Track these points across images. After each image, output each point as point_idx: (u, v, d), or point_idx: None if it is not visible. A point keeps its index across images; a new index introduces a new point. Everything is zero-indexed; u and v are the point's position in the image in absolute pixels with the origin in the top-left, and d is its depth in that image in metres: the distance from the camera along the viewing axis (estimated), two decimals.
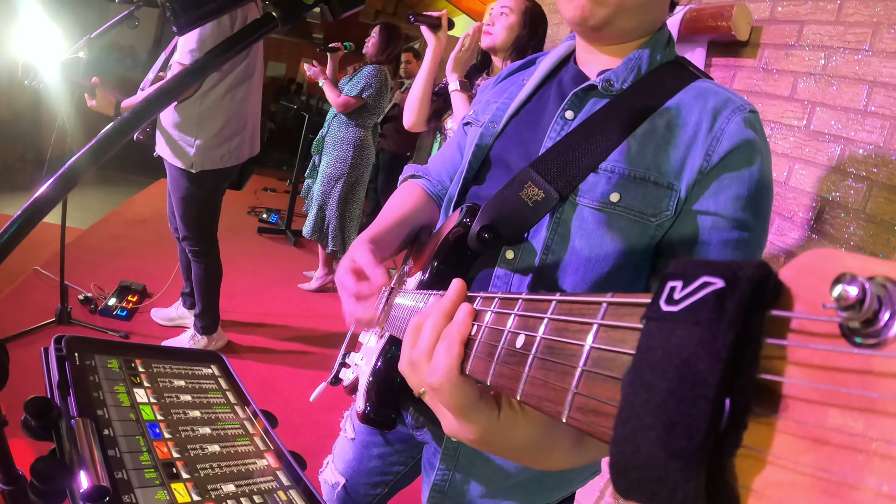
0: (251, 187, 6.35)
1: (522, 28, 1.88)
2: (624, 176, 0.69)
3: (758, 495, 0.19)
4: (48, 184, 0.43)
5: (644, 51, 0.75)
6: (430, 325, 0.44)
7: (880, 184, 1.27)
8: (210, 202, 2.44)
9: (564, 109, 0.75)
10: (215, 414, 0.72)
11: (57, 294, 2.48)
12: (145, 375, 0.73)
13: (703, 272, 0.21)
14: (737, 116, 0.69)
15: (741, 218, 0.68)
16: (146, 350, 0.79)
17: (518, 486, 0.83)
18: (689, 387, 0.20)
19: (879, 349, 0.17)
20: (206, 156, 2.28)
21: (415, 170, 1.06)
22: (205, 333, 2.59)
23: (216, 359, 0.85)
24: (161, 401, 0.69)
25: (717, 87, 0.73)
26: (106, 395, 0.64)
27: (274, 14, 0.48)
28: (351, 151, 3.47)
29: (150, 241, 3.77)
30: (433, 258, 0.77)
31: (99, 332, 2.51)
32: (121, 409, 0.64)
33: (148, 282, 3.02)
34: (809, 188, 1.45)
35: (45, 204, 0.43)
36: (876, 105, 1.31)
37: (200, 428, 0.68)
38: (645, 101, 0.71)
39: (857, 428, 0.17)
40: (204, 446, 0.65)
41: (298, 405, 2.42)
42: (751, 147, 0.68)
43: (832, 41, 1.45)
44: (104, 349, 0.73)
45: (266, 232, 4.73)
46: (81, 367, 0.67)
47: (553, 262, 0.72)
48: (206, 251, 2.48)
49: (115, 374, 0.69)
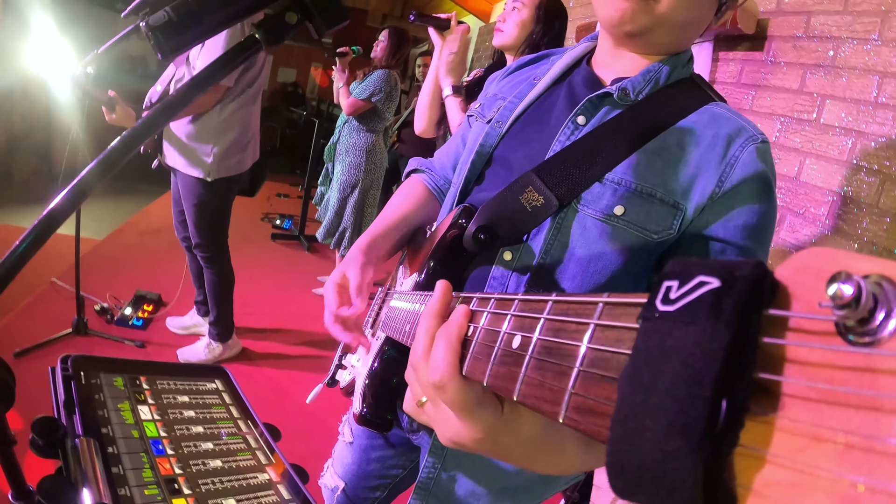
0: (264, 194, 6.38)
1: (535, 24, 1.77)
2: (630, 189, 0.69)
3: (756, 494, 0.19)
4: (60, 197, 0.44)
5: (664, 66, 0.74)
6: (424, 328, 0.44)
7: (893, 177, 1.25)
8: (222, 208, 2.49)
9: (577, 114, 0.75)
10: (218, 429, 0.73)
11: (73, 305, 2.50)
12: (150, 392, 0.74)
13: (699, 271, 0.21)
14: (750, 146, 0.69)
15: (748, 246, 0.68)
16: (152, 367, 0.80)
17: (507, 489, 0.83)
18: (686, 387, 0.20)
19: (875, 347, 0.17)
20: (222, 164, 2.34)
21: (419, 163, 1.06)
22: (220, 340, 2.60)
23: (220, 373, 0.86)
24: (165, 417, 0.70)
25: (730, 113, 0.73)
26: (111, 412, 0.66)
27: (257, 36, 0.48)
28: (364, 157, 3.48)
29: (164, 251, 3.80)
30: (429, 259, 0.77)
31: (115, 342, 2.54)
32: (125, 427, 0.65)
33: (163, 291, 3.06)
34: (821, 183, 1.43)
35: (57, 216, 0.44)
36: (887, 96, 1.29)
37: (203, 443, 0.69)
38: (658, 116, 0.71)
39: (855, 426, 0.17)
40: (206, 461, 0.66)
41: (313, 409, 2.43)
42: (763, 179, 0.69)
43: (840, 32, 1.43)
44: (110, 367, 0.74)
45: (280, 238, 4.77)
46: (87, 385, 0.68)
47: (551, 266, 0.72)
48: (217, 256, 2.51)
49: (120, 392, 0.71)
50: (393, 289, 0.90)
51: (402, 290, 0.82)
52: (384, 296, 0.93)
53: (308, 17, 0.49)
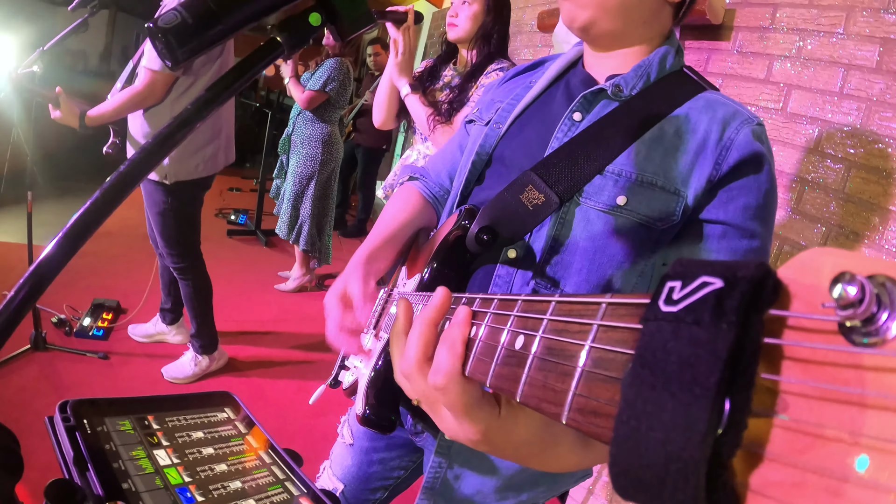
0: (216, 188, 6.18)
1: (486, 15, 1.83)
2: (631, 180, 0.69)
3: (758, 494, 0.19)
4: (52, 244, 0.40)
5: (654, 59, 0.75)
6: (417, 336, 0.43)
7: (858, 164, 1.30)
8: (187, 214, 2.34)
9: (573, 111, 0.75)
10: (242, 464, 0.69)
11: (29, 319, 2.36)
12: (162, 433, 0.69)
13: (702, 272, 0.21)
14: (745, 128, 0.70)
15: (750, 227, 0.69)
16: (156, 403, 0.75)
17: (511, 486, 0.83)
18: (689, 387, 0.20)
19: (878, 348, 0.17)
20: (180, 165, 2.19)
21: (412, 170, 1.05)
22: (205, 353, 2.49)
23: (228, 400, 0.82)
24: (184, 459, 0.65)
25: (725, 99, 0.74)
26: (126, 463, 0.60)
27: (279, 39, 0.45)
28: (320, 148, 3.41)
29: (120, 255, 3.59)
30: (432, 260, 0.77)
31: (78, 355, 2.42)
32: (146, 478, 0.59)
33: (121, 297, 2.92)
34: (788, 170, 1.47)
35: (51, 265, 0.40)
36: (852, 87, 1.33)
37: (231, 483, 0.64)
38: (653, 108, 0.72)
39: (858, 426, 0.17)
40: (238, 503, 0.61)
41: (289, 411, 2.39)
42: (759, 158, 0.69)
43: (806, 24, 1.47)
44: (114, 410, 0.69)
45: (236, 234, 4.61)
46: (94, 435, 0.62)
47: (556, 261, 0.72)
48: (190, 267, 2.38)
49: (131, 437, 0.65)
50: (396, 290, 0.89)
51: (405, 292, 0.81)
52: (387, 297, 0.92)
53: (332, 18, 0.46)
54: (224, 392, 0.83)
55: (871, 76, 1.29)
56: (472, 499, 0.83)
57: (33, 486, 0.55)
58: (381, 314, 0.91)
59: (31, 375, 2.24)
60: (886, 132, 1.25)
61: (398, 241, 0.89)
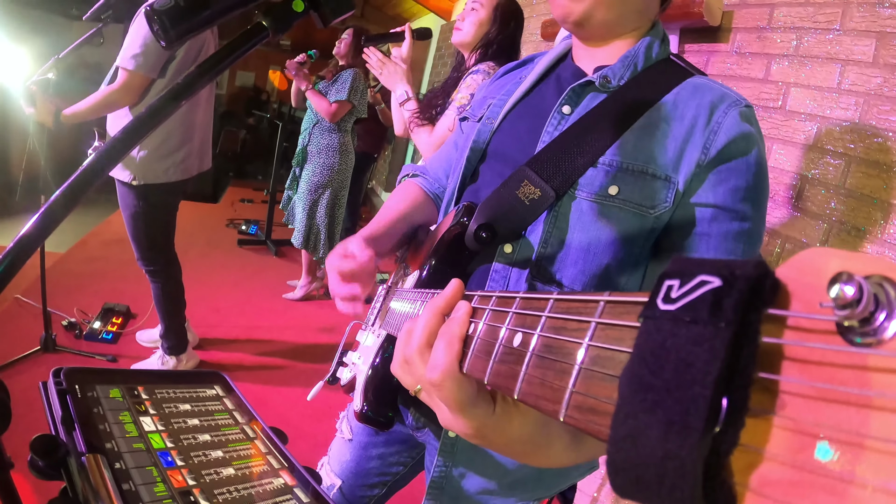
0: (228, 199, 6.20)
1: (492, 24, 1.84)
2: (622, 169, 0.69)
3: (756, 493, 0.19)
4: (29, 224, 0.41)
5: (640, 48, 0.75)
6: (424, 323, 0.44)
7: (858, 159, 1.30)
8: (158, 219, 2.30)
9: (562, 104, 0.75)
10: (225, 436, 0.70)
11: (40, 321, 2.40)
12: (150, 402, 0.70)
13: (700, 271, 0.21)
14: (733, 111, 0.69)
15: (740, 209, 0.68)
16: (147, 376, 0.76)
17: (517, 483, 0.83)
18: (687, 385, 0.20)
19: (876, 348, 0.17)
20: (149, 168, 2.16)
21: (412, 169, 1.05)
22: (172, 354, 2.49)
23: (218, 378, 0.83)
24: (169, 427, 0.67)
25: (712, 83, 0.73)
26: (112, 426, 0.62)
27: (265, 23, 0.47)
28: (337, 158, 3.41)
29: (130, 261, 3.55)
30: (430, 257, 0.77)
31: (86, 357, 2.44)
32: (129, 440, 0.61)
33: (131, 302, 2.95)
34: (789, 167, 1.47)
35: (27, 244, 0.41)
36: (850, 83, 1.33)
37: (212, 452, 0.65)
38: (642, 97, 0.71)
39: (855, 425, 0.17)
40: (218, 470, 0.62)
41: (291, 416, 2.39)
42: (747, 139, 0.68)
43: (803, 22, 1.47)
44: (105, 379, 0.70)
45: (246, 244, 4.65)
46: (84, 399, 0.64)
47: (551, 255, 0.72)
48: (160, 270, 2.37)
49: (119, 404, 0.67)
50: (394, 287, 0.89)
51: (403, 288, 0.81)
52: (385, 293, 0.92)
53: (314, 5, 0.48)
54: (215, 371, 0.84)
55: (869, 70, 1.29)
56: (478, 496, 0.83)
57: (35, 484, 0.55)
58: (380, 311, 0.91)
59: (40, 376, 2.26)
60: (885, 126, 1.24)
61: (399, 228, 0.90)
